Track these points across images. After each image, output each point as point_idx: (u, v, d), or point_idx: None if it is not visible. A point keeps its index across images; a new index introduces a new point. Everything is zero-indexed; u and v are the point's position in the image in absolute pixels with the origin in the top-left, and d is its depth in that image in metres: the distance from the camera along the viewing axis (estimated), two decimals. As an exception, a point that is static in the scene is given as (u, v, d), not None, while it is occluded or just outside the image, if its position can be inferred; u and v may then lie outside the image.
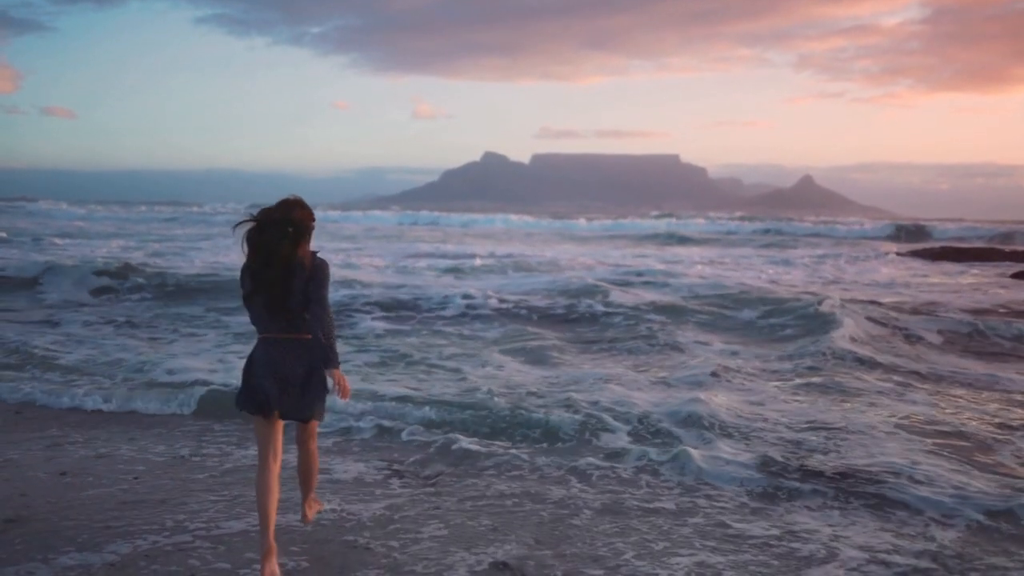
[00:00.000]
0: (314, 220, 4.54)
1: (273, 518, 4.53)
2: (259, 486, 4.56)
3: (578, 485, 6.45)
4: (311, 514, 5.14)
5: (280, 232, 4.36)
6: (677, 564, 5.00)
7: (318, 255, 4.53)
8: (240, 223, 4.46)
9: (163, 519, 5.56)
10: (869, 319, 14.19)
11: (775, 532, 5.52)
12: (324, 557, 5.01)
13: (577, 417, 7.99)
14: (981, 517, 5.74)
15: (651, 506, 6.01)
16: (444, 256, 30.58)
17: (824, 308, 14.72)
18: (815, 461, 6.93)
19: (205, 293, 17.04)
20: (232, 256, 27.94)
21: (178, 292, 17.29)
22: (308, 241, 4.48)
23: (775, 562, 5.05)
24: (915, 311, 15.64)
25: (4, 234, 34.85)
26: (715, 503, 6.08)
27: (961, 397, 9.53)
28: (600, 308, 15.84)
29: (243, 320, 14.02)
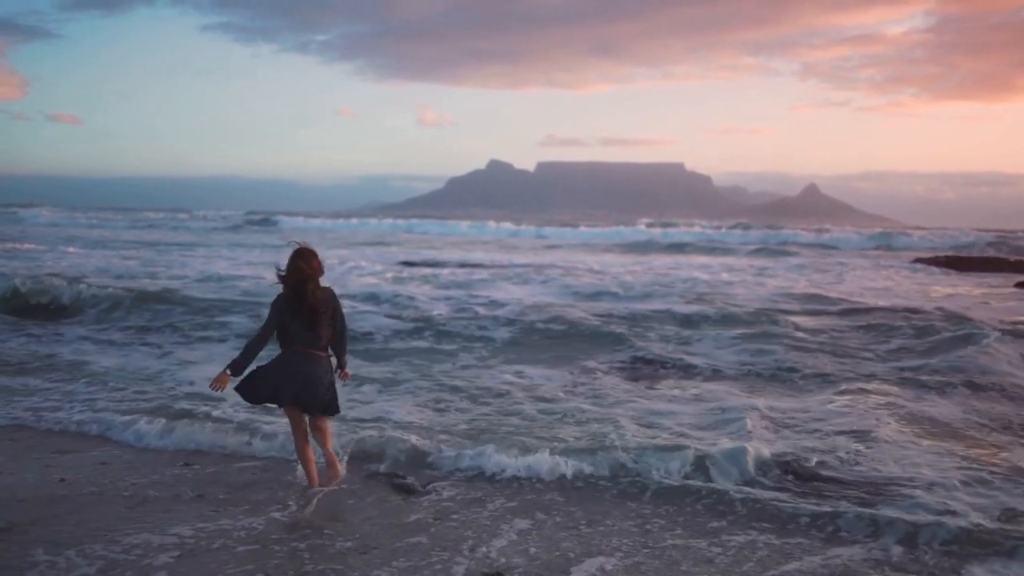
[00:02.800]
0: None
1: (314, 472, 6.34)
2: (300, 455, 6.36)
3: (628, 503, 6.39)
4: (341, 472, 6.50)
5: (314, 284, 6.02)
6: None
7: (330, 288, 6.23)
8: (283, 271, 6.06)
9: (166, 523, 5.53)
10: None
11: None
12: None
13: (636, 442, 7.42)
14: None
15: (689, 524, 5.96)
16: (442, 264, 30.54)
17: (966, 327, 13.96)
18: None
19: (202, 303, 16.61)
20: (225, 264, 27.93)
21: (176, 302, 17.00)
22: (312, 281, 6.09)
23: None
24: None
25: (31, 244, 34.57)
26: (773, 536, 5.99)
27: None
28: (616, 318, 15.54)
29: (238, 329, 13.96)
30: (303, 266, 6.01)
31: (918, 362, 11.96)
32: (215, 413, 8.34)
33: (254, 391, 6.06)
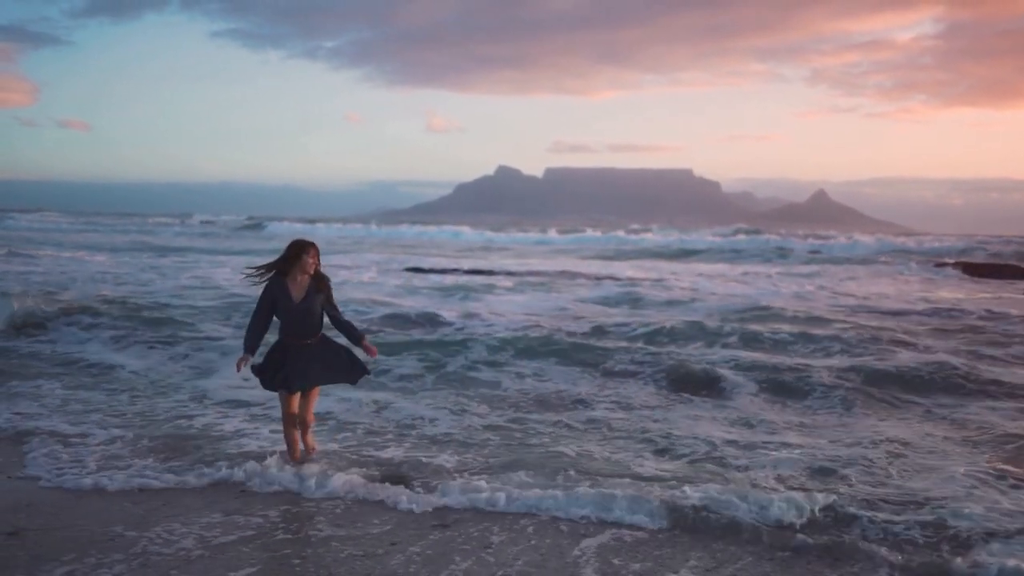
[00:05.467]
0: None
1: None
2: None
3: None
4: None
5: None
6: None
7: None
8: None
9: (177, 524, 5.50)
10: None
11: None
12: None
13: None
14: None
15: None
16: (451, 271, 30.44)
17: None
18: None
19: (195, 310, 16.21)
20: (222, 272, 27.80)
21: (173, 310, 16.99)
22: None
23: None
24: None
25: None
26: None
27: None
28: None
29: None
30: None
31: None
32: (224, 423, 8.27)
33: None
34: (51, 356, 11.79)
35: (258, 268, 6.74)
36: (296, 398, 6.66)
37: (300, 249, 6.51)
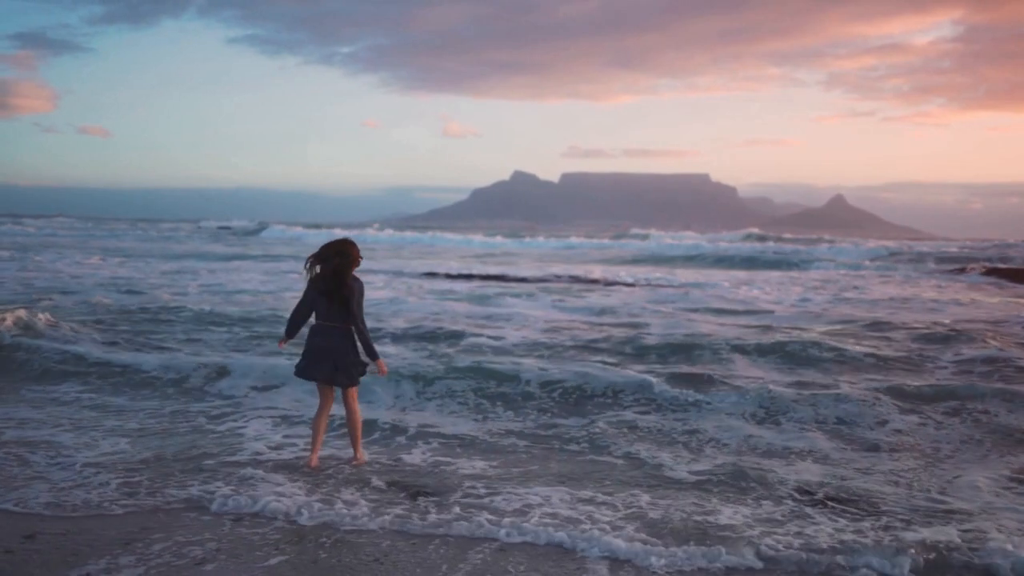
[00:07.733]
0: (360, 256, 6.88)
1: (317, 451, 6.99)
2: (314, 424, 6.97)
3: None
4: (362, 458, 7.08)
5: (340, 260, 6.73)
6: None
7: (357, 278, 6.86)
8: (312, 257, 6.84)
9: (178, 535, 5.46)
10: None
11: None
12: None
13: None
14: None
15: None
16: (467, 277, 30.25)
17: None
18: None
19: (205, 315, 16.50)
20: (233, 277, 27.85)
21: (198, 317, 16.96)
22: (352, 268, 6.78)
23: None
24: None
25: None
26: None
27: None
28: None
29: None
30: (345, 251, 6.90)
31: None
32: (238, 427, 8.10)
33: (302, 372, 6.86)
34: (60, 361, 11.64)
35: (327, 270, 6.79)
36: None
37: (358, 249, 6.87)
